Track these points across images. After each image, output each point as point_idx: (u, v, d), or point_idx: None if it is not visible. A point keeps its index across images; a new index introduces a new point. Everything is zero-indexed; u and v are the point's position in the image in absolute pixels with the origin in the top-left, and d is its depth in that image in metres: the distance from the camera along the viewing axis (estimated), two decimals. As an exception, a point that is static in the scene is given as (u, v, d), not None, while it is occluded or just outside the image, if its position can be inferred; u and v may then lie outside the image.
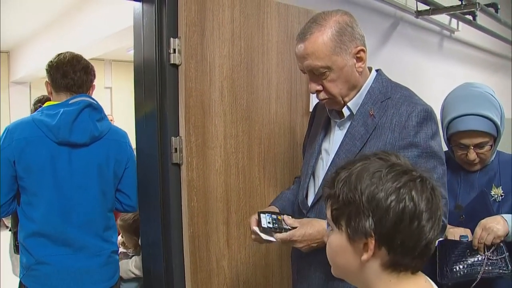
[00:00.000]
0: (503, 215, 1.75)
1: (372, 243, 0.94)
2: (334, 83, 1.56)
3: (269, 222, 1.56)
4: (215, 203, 2.05)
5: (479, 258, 1.73)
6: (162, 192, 2.00)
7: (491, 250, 1.73)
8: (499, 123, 1.80)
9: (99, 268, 2.09)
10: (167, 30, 1.95)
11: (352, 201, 0.95)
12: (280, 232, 1.54)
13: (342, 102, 1.61)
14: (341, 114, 1.66)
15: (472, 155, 1.83)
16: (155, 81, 1.98)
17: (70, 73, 2.11)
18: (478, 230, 1.73)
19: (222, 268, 2.08)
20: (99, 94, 3.76)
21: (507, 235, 1.72)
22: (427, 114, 1.53)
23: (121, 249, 2.71)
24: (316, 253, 1.53)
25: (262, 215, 1.58)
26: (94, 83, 2.25)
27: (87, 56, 2.33)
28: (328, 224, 1.05)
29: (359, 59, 1.57)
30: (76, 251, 2.04)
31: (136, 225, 2.57)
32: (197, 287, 1.99)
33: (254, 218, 1.61)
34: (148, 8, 2.01)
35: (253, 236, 1.61)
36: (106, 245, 2.14)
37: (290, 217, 1.60)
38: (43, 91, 2.50)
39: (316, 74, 1.57)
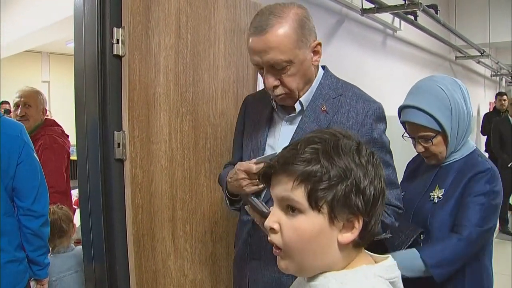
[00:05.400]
0: (401, 253, 1.69)
1: (360, 221, 0.93)
2: (293, 77, 1.53)
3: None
4: (160, 200, 1.98)
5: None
6: (104, 190, 1.90)
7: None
8: (442, 119, 1.74)
9: None
10: (110, 19, 1.85)
11: (343, 178, 0.90)
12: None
13: (297, 97, 1.59)
14: (287, 109, 1.64)
15: (419, 147, 1.83)
16: (97, 73, 1.87)
17: None
18: None
19: (168, 267, 2.01)
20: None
21: None
22: (381, 112, 1.59)
23: None
24: (269, 251, 1.50)
25: (255, 199, 1.46)
26: None
27: (22, 48, 2.20)
28: (293, 209, 0.93)
29: (316, 53, 1.57)
30: None
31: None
32: (142, 288, 1.91)
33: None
34: (90, -5, 1.91)
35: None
36: None
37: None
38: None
39: (276, 69, 1.51)
